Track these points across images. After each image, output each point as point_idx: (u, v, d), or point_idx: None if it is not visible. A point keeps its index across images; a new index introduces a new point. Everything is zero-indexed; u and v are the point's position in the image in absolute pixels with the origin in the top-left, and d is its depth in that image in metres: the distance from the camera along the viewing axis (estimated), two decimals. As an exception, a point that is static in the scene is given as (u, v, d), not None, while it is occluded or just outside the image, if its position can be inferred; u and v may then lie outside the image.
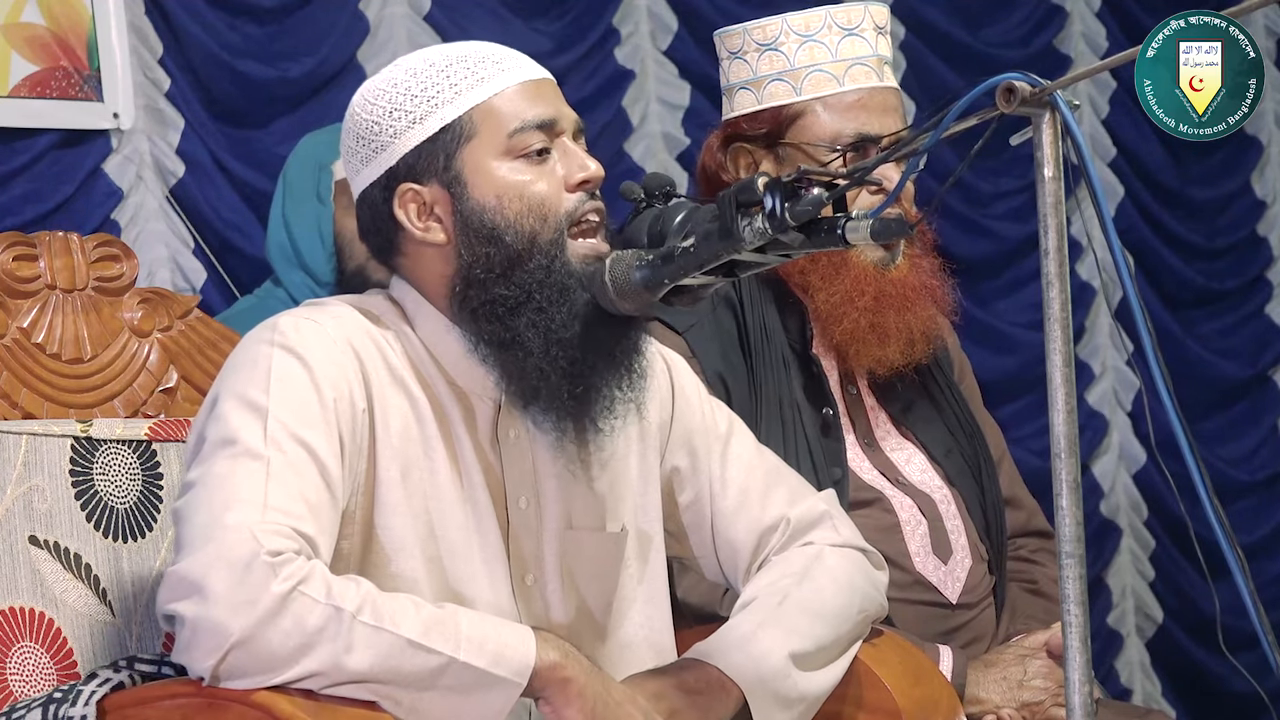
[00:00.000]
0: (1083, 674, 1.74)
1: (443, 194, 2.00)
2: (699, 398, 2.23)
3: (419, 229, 2.01)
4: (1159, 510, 5.21)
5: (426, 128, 2.00)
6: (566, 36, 4.39)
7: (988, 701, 2.46)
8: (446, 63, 2.02)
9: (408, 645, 1.81)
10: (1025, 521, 2.77)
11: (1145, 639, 5.25)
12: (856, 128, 2.55)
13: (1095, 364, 5.17)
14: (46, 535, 2.15)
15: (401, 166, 2.01)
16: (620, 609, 2.09)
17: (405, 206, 2.01)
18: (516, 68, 2.03)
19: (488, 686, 1.83)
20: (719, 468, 2.20)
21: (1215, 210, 5.41)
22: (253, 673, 1.79)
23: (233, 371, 1.96)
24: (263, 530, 1.81)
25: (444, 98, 2.00)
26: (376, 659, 1.80)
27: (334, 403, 1.93)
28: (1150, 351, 1.73)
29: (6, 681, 2.08)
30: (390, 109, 2.01)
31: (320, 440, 1.90)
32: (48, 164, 3.71)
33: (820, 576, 2.12)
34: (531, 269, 1.98)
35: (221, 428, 1.90)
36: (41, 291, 2.27)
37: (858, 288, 2.54)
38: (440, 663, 1.82)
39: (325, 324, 1.98)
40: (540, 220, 1.99)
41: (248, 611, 1.77)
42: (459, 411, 2.03)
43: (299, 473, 1.87)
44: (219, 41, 3.92)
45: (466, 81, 2.00)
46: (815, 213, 1.86)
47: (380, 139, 2.01)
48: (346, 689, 1.81)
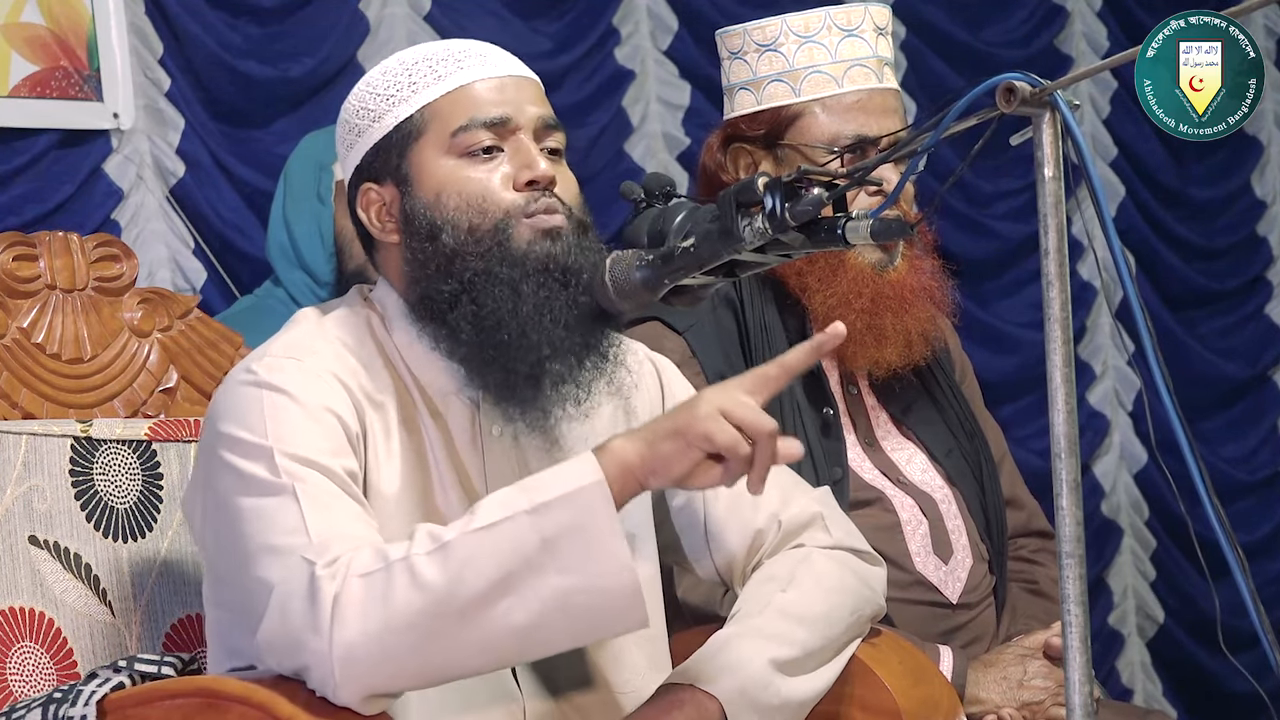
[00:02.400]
0: (1083, 674, 1.74)
1: (394, 193, 2.00)
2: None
3: (377, 228, 2.01)
4: (1160, 510, 5.21)
5: (383, 126, 1.99)
6: (566, 36, 4.39)
7: (988, 701, 2.46)
8: (414, 60, 2.01)
9: (481, 533, 1.75)
10: (1025, 522, 2.77)
11: (1146, 639, 5.25)
12: (855, 129, 2.54)
13: (1096, 364, 5.17)
14: (46, 535, 2.15)
15: (364, 164, 2.01)
16: None
17: (367, 207, 2.01)
18: (479, 65, 2.01)
19: (576, 508, 1.75)
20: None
21: (1216, 210, 5.41)
22: (380, 670, 1.74)
23: (225, 416, 1.92)
24: (313, 550, 1.78)
25: (401, 96, 1.99)
26: (465, 563, 1.73)
27: (334, 425, 1.91)
28: (1150, 351, 1.73)
29: (6, 681, 2.08)
30: (359, 107, 2.01)
31: (331, 461, 1.88)
32: (48, 164, 3.71)
33: (806, 580, 2.10)
34: (470, 262, 1.95)
35: (234, 478, 1.87)
36: (41, 291, 2.26)
37: (855, 289, 2.54)
38: (519, 527, 1.74)
39: (306, 361, 1.95)
40: (479, 214, 1.96)
41: (325, 628, 1.74)
42: (440, 416, 2.01)
43: (326, 492, 1.85)
44: (219, 41, 3.92)
45: (425, 79, 1.99)
46: (815, 213, 1.86)
47: (351, 136, 2.02)
48: (491, 621, 1.74)
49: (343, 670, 1.74)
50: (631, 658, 2.09)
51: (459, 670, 1.80)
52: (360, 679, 1.75)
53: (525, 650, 1.81)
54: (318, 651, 1.74)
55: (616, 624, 1.79)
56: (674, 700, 1.99)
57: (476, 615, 1.74)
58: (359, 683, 1.75)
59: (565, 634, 1.79)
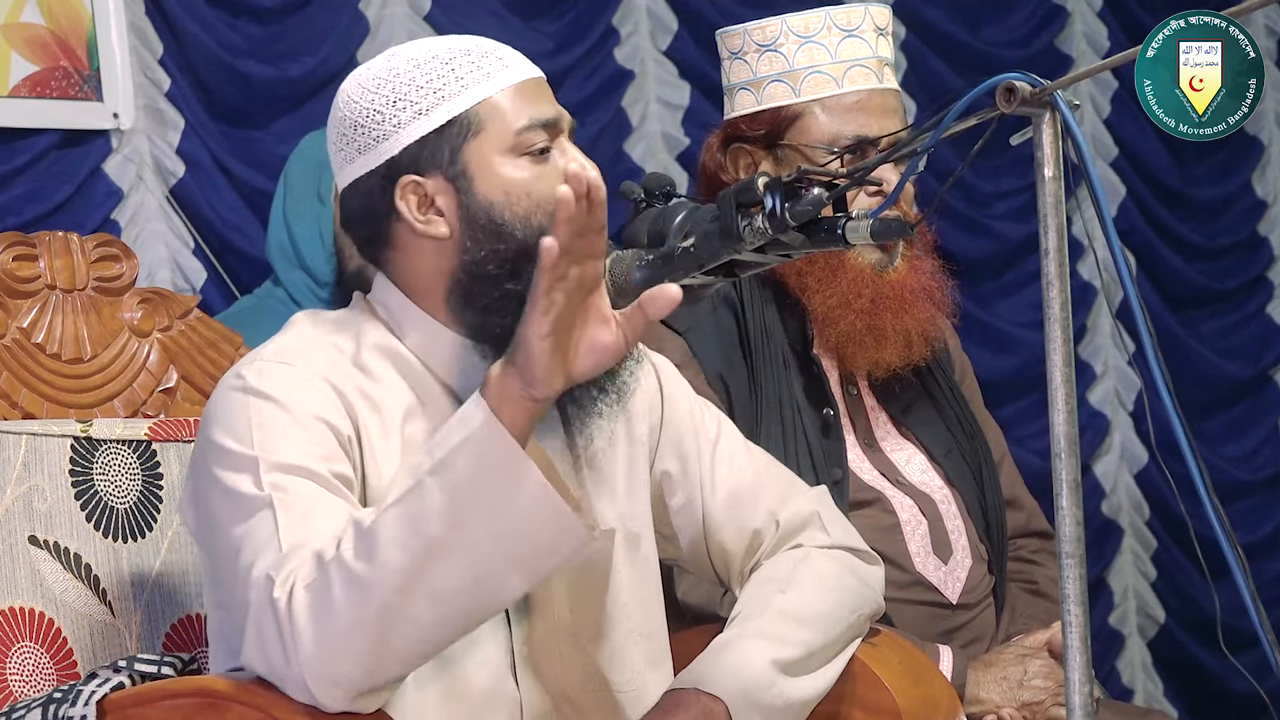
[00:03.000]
0: (1083, 674, 1.74)
1: (447, 187, 1.99)
2: (688, 400, 2.22)
3: (420, 221, 2.00)
4: (1161, 510, 5.20)
5: (433, 119, 1.98)
6: (566, 36, 4.39)
7: (988, 701, 2.46)
8: (450, 55, 2.01)
9: (396, 507, 1.75)
10: (1025, 522, 2.77)
11: (1147, 639, 5.25)
12: (855, 130, 2.54)
13: (1097, 364, 5.17)
14: (46, 535, 2.15)
15: (405, 157, 1.99)
16: (612, 611, 2.08)
17: (406, 198, 2.00)
18: (517, 65, 2.02)
19: (472, 452, 1.74)
20: (709, 470, 2.19)
21: (1217, 210, 5.41)
22: (351, 673, 1.75)
23: (214, 422, 1.93)
24: (280, 570, 1.79)
25: (450, 90, 1.98)
26: (388, 544, 1.73)
27: (323, 432, 1.91)
28: (1150, 351, 1.73)
29: (6, 681, 2.08)
30: (394, 98, 2.00)
31: (316, 464, 1.88)
32: (48, 164, 3.71)
33: (806, 581, 2.11)
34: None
35: (220, 494, 1.88)
36: (41, 291, 2.26)
37: (854, 290, 2.54)
38: (426, 490, 1.74)
39: (297, 365, 1.95)
40: (548, 217, 1.95)
41: (289, 650, 1.75)
42: (451, 416, 2.01)
43: (304, 500, 1.85)
44: (219, 41, 3.92)
45: (472, 76, 1.99)
46: (815, 213, 1.86)
47: (382, 128, 2.00)
48: (432, 588, 1.74)
49: (316, 685, 1.76)
50: (630, 658, 2.09)
51: (432, 644, 1.80)
52: (336, 687, 1.76)
53: (484, 604, 1.80)
54: (289, 675, 1.76)
55: (559, 546, 1.77)
56: (679, 702, 2.00)
57: (416, 589, 1.74)
58: (337, 690, 1.76)
59: (514, 575, 1.78)
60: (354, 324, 2.03)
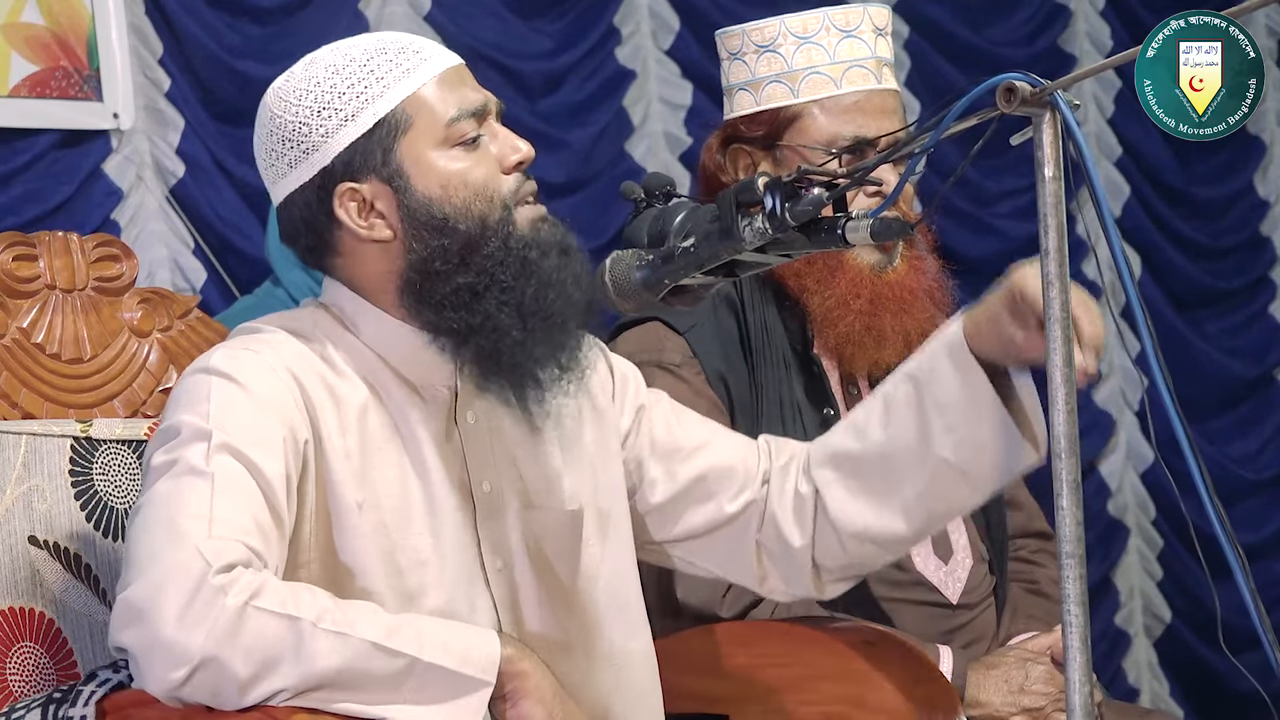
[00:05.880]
0: (1083, 674, 1.74)
1: (383, 189, 1.99)
2: (635, 378, 2.24)
3: (362, 227, 2.00)
4: (1167, 510, 5.20)
5: (360, 124, 1.98)
6: (567, 36, 4.39)
7: (988, 704, 2.45)
8: (367, 56, 2.00)
9: (372, 648, 1.77)
10: (1025, 522, 2.77)
11: (1153, 639, 5.25)
12: (854, 130, 2.54)
13: (1102, 363, 5.17)
14: (46, 535, 2.15)
15: (337, 165, 1.99)
16: (586, 588, 2.08)
17: (345, 206, 2.00)
18: (436, 56, 2.02)
19: (458, 688, 1.80)
20: (674, 418, 2.21)
21: (1220, 210, 5.41)
22: (219, 694, 1.75)
23: (174, 404, 1.94)
24: (210, 547, 1.77)
25: (373, 92, 1.98)
26: (342, 663, 1.76)
27: (277, 424, 1.91)
28: (1151, 351, 1.73)
29: (6, 681, 2.08)
30: (318, 108, 1.99)
31: (263, 458, 1.88)
32: (48, 164, 3.71)
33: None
34: (489, 251, 1.97)
35: (165, 453, 1.88)
36: (41, 291, 2.27)
37: (853, 290, 2.54)
38: (405, 664, 1.78)
39: (263, 353, 1.96)
40: (487, 203, 1.98)
41: (204, 631, 1.73)
42: (413, 408, 2.01)
43: (243, 488, 1.85)
44: (219, 41, 3.92)
45: (393, 74, 1.99)
46: (815, 213, 1.86)
47: (310, 139, 1.99)
48: (317, 697, 1.77)
49: (195, 683, 1.74)
50: (608, 630, 2.10)
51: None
52: (201, 700, 1.75)
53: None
54: (176, 651, 1.73)
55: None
56: None
57: (334, 689, 1.78)
58: (194, 695, 1.75)
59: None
60: (314, 321, 2.04)
